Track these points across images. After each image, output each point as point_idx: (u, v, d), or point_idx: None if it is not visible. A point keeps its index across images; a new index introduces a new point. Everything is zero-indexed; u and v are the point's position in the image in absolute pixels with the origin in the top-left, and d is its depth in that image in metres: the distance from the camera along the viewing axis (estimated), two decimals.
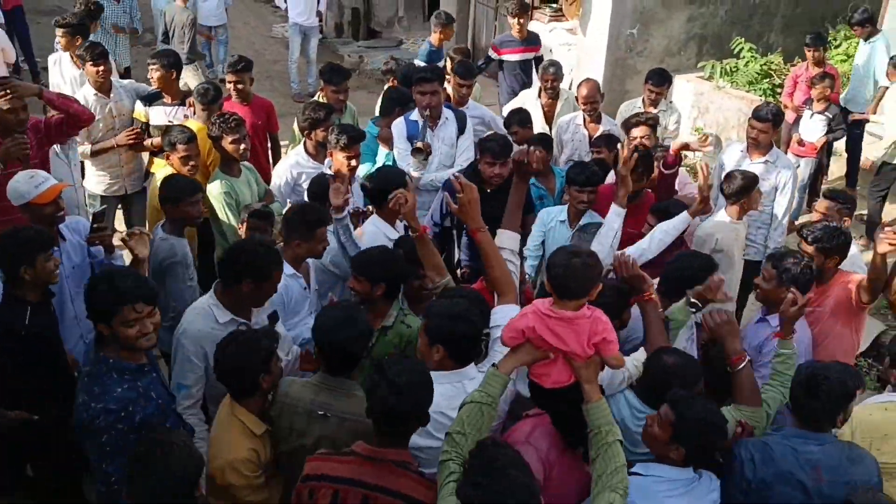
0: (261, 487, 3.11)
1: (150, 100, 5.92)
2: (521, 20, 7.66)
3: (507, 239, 3.52)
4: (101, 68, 5.67)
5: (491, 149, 4.80)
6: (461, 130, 5.64)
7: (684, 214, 4.34)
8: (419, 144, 5.15)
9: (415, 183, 5.25)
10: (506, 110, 6.65)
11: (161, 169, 5.18)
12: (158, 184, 4.58)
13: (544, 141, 5.49)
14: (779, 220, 5.36)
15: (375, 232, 4.40)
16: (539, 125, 6.39)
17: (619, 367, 2.88)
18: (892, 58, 7.22)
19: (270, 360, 3.11)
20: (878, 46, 7.66)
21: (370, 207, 4.64)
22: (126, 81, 6.30)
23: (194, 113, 5.62)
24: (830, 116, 7.02)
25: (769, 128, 5.26)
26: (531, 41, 7.86)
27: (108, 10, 8.44)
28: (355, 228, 4.67)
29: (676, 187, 5.26)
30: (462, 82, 6.20)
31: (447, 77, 6.57)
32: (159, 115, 5.85)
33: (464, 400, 2.71)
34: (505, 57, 7.82)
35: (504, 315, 3.07)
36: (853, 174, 7.89)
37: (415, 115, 5.49)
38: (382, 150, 5.72)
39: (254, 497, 3.09)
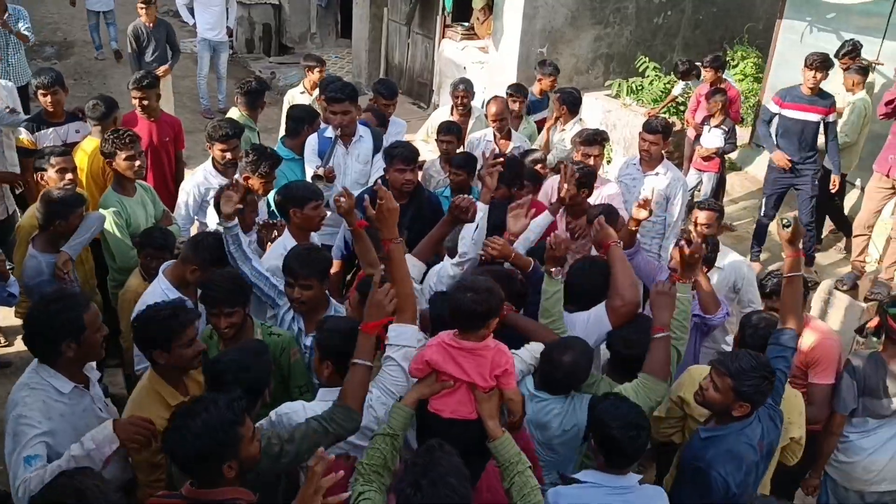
0: (156, 466, 3.05)
1: (34, 123, 5.66)
2: None
3: (410, 266, 3.49)
4: None
5: (401, 155, 4.81)
6: (377, 149, 5.59)
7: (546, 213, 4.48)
8: (319, 171, 5.07)
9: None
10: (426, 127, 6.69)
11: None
12: (27, 218, 4.42)
13: (469, 163, 5.54)
14: (671, 229, 5.55)
15: (278, 245, 4.35)
16: None
17: (517, 401, 2.89)
18: (843, 45, 7.18)
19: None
20: None
21: (280, 221, 4.58)
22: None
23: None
24: (726, 129, 7.32)
25: (660, 139, 5.45)
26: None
27: None
28: (265, 241, 4.61)
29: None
30: (386, 102, 6.20)
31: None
32: (49, 138, 5.61)
33: (372, 433, 2.76)
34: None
35: (399, 334, 3.04)
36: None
37: (329, 131, 5.42)
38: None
39: (143, 475, 3.04)
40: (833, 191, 6.67)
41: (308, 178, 5.14)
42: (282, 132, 6.97)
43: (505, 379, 2.80)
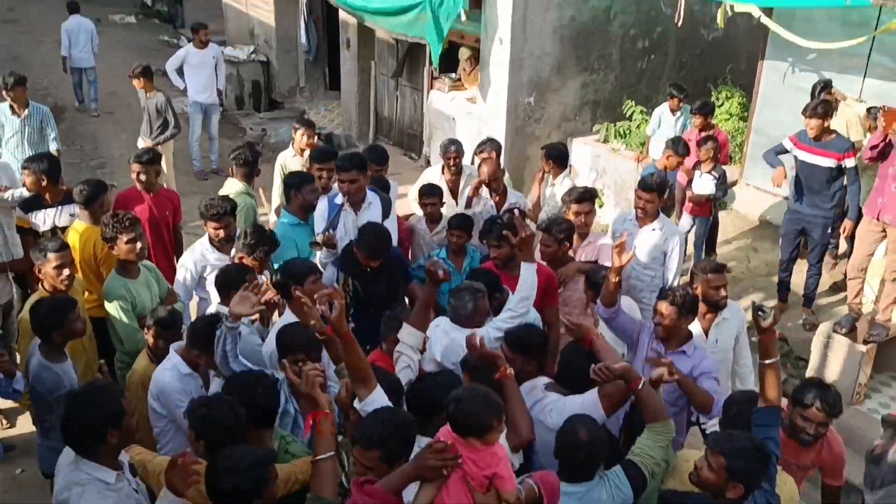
0: None
1: (28, 206, 5.70)
2: None
3: (408, 335, 3.55)
4: None
5: (362, 247, 4.91)
6: (386, 215, 5.65)
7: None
8: (318, 238, 5.14)
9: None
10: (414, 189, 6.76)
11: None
12: (28, 312, 4.35)
13: (466, 224, 5.63)
14: (669, 283, 5.58)
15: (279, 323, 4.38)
16: (447, 200, 6.50)
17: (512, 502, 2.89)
18: (869, 109, 7.17)
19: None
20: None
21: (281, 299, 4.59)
22: None
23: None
24: (717, 175, 7.40)
25: (655, 197, 5.52)
26: None
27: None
28: (268, 320, 4.63)
29: (596, 256, 5.53)
30: (321, 167, 5.97)
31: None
32: (43, 220, 5.68)
33: None
34: None
35: (374, 400, 3.17)
36: None
37: (339, 197, 5.47)
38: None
39: None
40: (844, 236, 6.66)
41: (318, 254, 5.20)
42: (275, 193, 7.04)
43: (498, 482, 2.82)
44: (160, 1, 21.64)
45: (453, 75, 10.59)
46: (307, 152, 6.85)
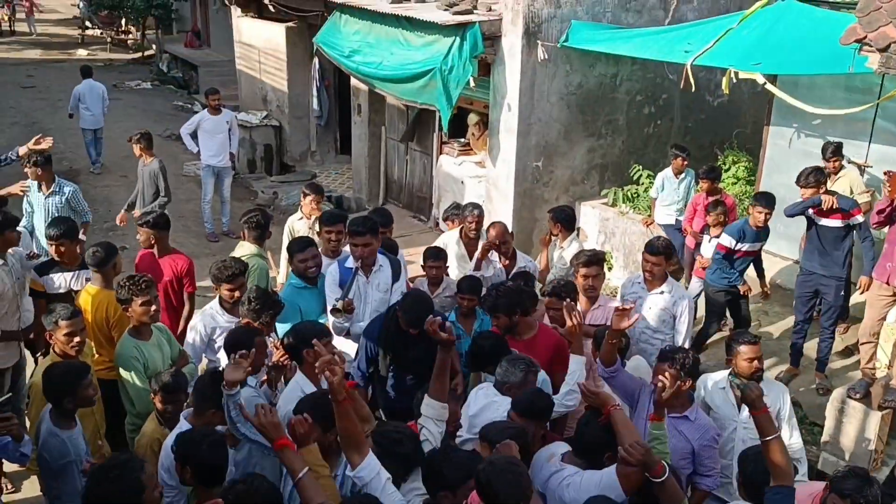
0: None
1: (42, 269, 5.76)
2: None
3: (429, 408, 3.53)
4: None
5: (407, 315, 4.89)
6: (395, 277, 5.68)
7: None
8: (339, 305, 5.15)
9: (349, 330, 5.31)
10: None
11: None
12: (40, 377, 4.36)
13: (476, 287, 5.64)
14: (680, 346, 5.53)
15: (294, 388, 4.35)
16: (456, 264, 6.52)
17: None
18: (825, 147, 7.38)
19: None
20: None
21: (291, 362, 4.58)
22: (14, 249, 5.93)
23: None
24: None
25: (662, 260, 5.54)
26: None
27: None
28: (275, 383, 4.61)
29: (605, 320, 5.48)
30: (329, 229, 6.02)
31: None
32: (57, 282, 5.72)
33: None
34: None
35: (370, 469, 3.20)
36: None
37: (350, 261, 5.50)
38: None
39: None
40: (860, 294, 6.64)
41: (328, 310, 5.20)
42: (283, 256, 7.09)
43: None
44: (175, 68, 22.18)
45: (462, 140, 10.75)
46: (314, 217, 6.94)
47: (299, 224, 7.21)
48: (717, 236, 7.38)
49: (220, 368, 4.26)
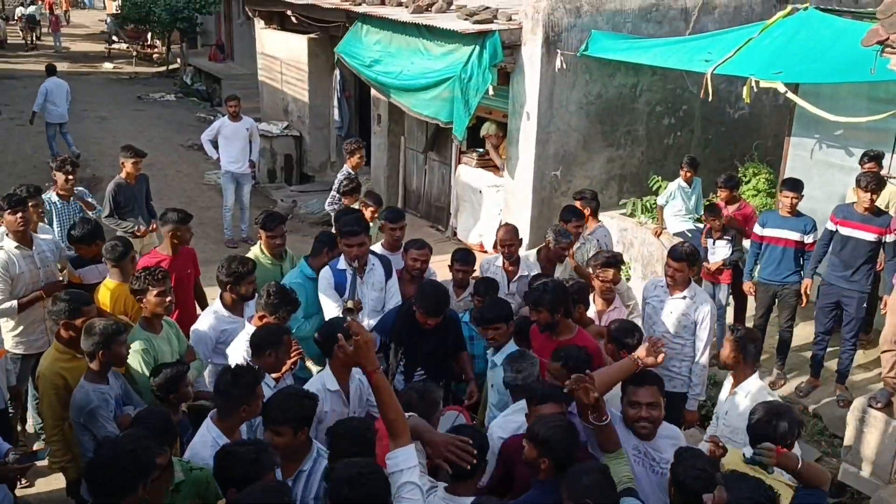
0: None
1: (79, 263, 5.88)
2: None
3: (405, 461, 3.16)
4: (20, 216, 5.61)
5: (425, 305, 4.94)
6: (388, 275, 5.70)
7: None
8: (350, 304, 5.16)
9: None
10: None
11: None
12: (46, 368, 4.53)
13: (492, 288, 5.66)
14: (701, 352, 5.51)
15: (315, 381, 4.41)
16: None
17: None
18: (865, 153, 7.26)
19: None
20: None
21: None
22: (46, 236, 6.20)
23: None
24: (730, 237, 7.39)
25: (685, 266, 5.48)
26: None
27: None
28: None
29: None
30: (393, 226, 6.33)
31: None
32: (92, 275, 5.84)
33: None
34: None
35: (401, 460, 3.05)
36: None
37: (341, 263, 5.51)
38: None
39: None
40: (883, 313, 6.54)
41: (339, 313, 5.21)
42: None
43: None
44: (199, 80, 22.46)
45: (480, 150, 10.76)
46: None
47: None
48: (720, 237, 7.39)
49: (239, 364, 4.25)
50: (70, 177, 7.23)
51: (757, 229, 7.13)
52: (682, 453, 3.51)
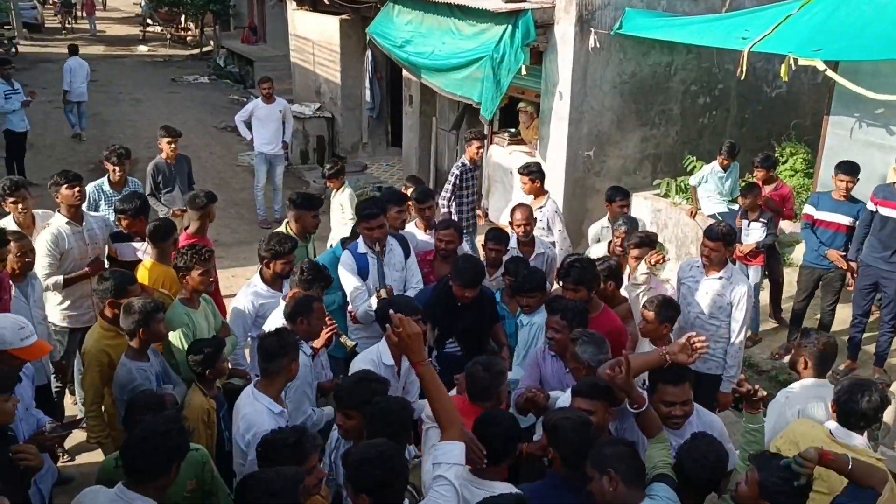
0: None
1: (118, 238, 5.97)
2: None
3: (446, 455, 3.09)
4: (77, 190, 5.74)
5: (463, 277, 4.99)
6: (406, 254, 5.75)
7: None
8: (383, 293, 5.26)
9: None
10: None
11: None
12: (92, 344, 4.64)
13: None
14: (736, 334, 5.44)
15: (371, 352, 4.48)
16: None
17: None
18: None
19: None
20: None
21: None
22: (96, 213, 6.31)
23: None
24: (766, 220, 7.29)
25: (720, 246, 5.40)
26: None
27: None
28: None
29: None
30: (421, 206, 6.41)
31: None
32: (128, 252, 5.93)
33: None
34: None
35: (446, 452, 2.99)
36: None
37: (361, 247, 5.56)
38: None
39: None
40: None
41: (373, 303, 5.28)
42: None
43: None
44: (232, 63, 22.59)
45: (512, 130, 10.70)
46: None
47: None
48: (755, 219, 7.27)
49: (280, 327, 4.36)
50: (117, 169, 7.02)
51: (809, 210, 7.04)
52: (695, 437, 3.44)
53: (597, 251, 6.39)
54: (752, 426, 3.69)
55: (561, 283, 5.02)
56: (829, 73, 7.20)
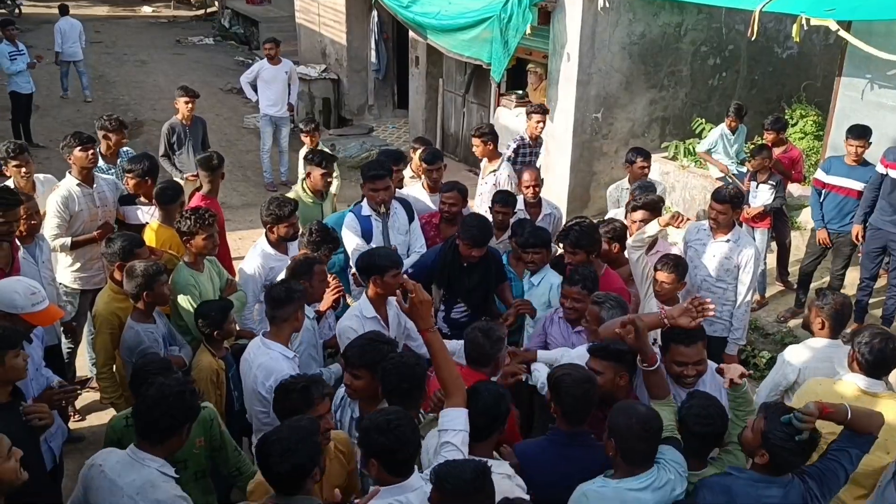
0: None
1: (125, 201, 5.97)
2: None
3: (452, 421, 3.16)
4: (91, 152, 5.74)
5: (471, 235, 4.98)
6: (410, 218, 5.75)
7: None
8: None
9: None
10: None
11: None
12: (102, 306, 4.68)
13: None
14: (743, 297, 5.45)
15: (354, 309, 4.52)
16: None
17: None
18: None
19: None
20: None
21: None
22: (106, 176, 6.31)
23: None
24: (774, 183, 7.23)
25: (728, 209, 5.39)
26: None
27: None
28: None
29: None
30: (430, 167, 6.38)
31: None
32: (133, 215, 5.94)
33: None
34: None
35: (452, 419, 3.05)
36: None
37: (365, 209, 5.57)
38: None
39: None
40: None
41: (361, 245, 5.30)
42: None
43: None
44: (237, 24, 22.36)
45: (520, 91, 10.61)
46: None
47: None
48: (764, 181, 7.21)
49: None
50: (110, 137, 6.58)
51: (820, 175, 6.98)
52: (693, 395, 3.53)
53: (616, 215, 6.37)
54: (734, 394, 3.63)
55: (560, 244, 5.07)
56: (842, 33, 7.08)
